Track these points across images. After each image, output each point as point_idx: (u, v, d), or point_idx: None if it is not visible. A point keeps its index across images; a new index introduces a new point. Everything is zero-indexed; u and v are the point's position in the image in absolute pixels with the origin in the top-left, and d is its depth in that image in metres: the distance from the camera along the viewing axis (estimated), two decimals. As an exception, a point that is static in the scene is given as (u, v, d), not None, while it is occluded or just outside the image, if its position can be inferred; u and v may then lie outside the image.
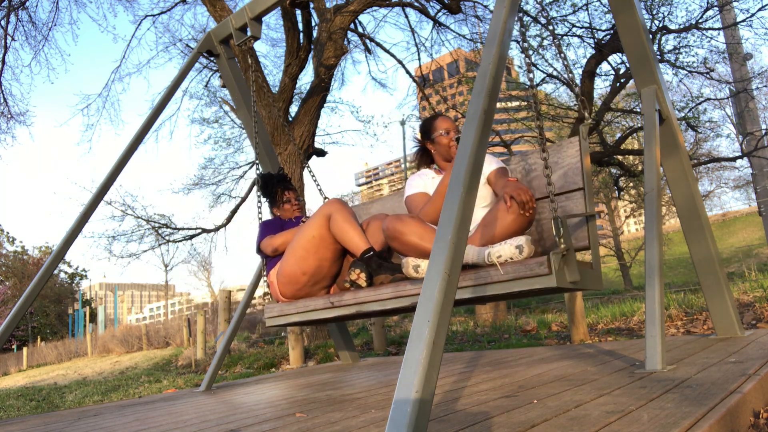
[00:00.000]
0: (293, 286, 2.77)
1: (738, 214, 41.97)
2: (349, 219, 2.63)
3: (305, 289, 2.78)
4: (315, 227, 2.66)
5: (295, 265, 2.71)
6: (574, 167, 2.33)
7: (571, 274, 1.89)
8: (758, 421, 1.47)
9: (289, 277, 2.75)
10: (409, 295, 2.26)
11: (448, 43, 14.18)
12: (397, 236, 2.25)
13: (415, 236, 2.22)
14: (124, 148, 3.46)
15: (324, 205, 2.71)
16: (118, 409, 3.03)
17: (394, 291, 2.30)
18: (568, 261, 1.89)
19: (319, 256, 2.67)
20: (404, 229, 2.23)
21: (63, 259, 3.30)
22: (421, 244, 2.21)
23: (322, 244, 2.66)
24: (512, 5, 1.75)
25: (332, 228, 2.63)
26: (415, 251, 2.25)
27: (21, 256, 31.65)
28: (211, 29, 3.78)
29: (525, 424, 1.32)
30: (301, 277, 2.72)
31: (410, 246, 2.24)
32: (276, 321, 2.85)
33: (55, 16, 9.19)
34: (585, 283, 2.00)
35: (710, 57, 8.99)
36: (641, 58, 2.68)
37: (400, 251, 2.30)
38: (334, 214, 2.64)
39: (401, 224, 2.24)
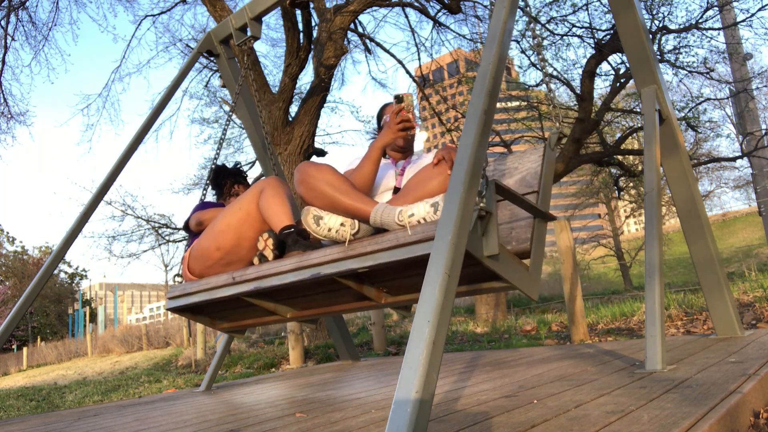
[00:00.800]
0: (203, 261, 2.48)
1: (738, 214, 41.96)
2: (280, 194, 2.36)
3: (216, 268, 2.47)
4: (244, 201, 2.40)
5: (211, 239, 2.43)
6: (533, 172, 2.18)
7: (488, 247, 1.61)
8: (758, 421, 1.47)
9: (201, 251, 2.47)
10: (311, 265, 1.99)
11: (448, 43, 14.21)
12: (306, 179, 1.97)
13: (325, 183, 1.93)
14: (124, 148, 3.46)
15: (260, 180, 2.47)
16: (118, 409, 3.03)
17: (297, 261, 2.03)
18: (488, 230, 1.60)
19: (239, 233, 2.38)
20: (316, 174, 1.96)
21: (63, 259, 3.30)
22: (331, 192, 1.93)
23: (246, 221, 2.38)
24: (512, 5, 1.75)
25: (260, 203, 2.36)
26: (322, 200, 1.95)
27: (21, 256, 31.66)
28: (211, 29, 3.79)
29: (525, 424, 1.32)
30: (214, 252, 2.43)
31: (318, 192, 1.94)
32: (176, 303, 2.56)
33: (55, 16, 9.20)
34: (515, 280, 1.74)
35: (710, 57, 9.00)
36: (641, 58, 2.68)
37: (306, 198, 1.99)
38: (266, 189, 2.37)
39: (314, 168, 1.98)
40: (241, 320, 2.77)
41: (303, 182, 1.98)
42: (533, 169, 2.15)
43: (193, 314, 2.72)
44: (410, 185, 1.96)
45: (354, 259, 1.89)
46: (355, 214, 1.91)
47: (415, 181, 1.96)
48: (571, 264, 4.44)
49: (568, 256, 4.43)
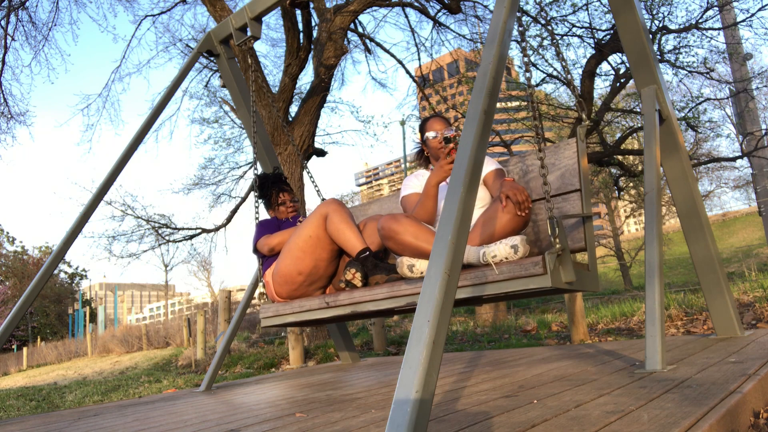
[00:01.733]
0: (289, 286, 2.75)
1: (738, 214, 41.96)
2: (346, 219, 2.62)
3: (301, 290, 2.76)
4: (312, 227, 2.65)
5: (291, 265, 2.69)
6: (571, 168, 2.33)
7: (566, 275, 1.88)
8: (758, 421, 1.47)
9: (285, 277, 2.74)
10: (404, 295, 2.25)
11: (448, 43, 14.19)
12: (392, 236, 2.24)
13: (410, 235, 2.22)
14: (124, 148, 3.46)
15: (321, 205, 2.70)
16: (118, 409, 3.03)
17: (390, 291, 2.29)
18: (564, 261, 1.88)
19: (315, 256, 2.66)
20: (399, 228, 2.23)
21: (63, 259, 3.30)
22: (416, 243, 2.21)
23: (318, 245, 2.64)
24: (512, 5, 1.75)
25: (329, 228, 2.62)
26: (410, 250, 2.24)
27: (21, 256, 31.66)
28: (211, 29, 3.78)
29: (525, 424, 1.32)
30: (297, 277, 2.71)
31: (405, 245, 2.23)
32: (271, 321, 2.83)
33: (55, 16, 9.20)
34: (581, 284, 1.99)
35: (710, 57, 8.99)
36: (641, 58, 2.68)
37: (395, 251, 2.29)
38: (330, 215, 2.62)
39: (396, 224, 2.24)
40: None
41: (390, 239, 2.26)
42: (570, 165, 2.35)
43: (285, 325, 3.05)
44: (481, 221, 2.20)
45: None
46: None
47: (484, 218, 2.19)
48: (571, 264, 4.43)
49: (568, 256, 4.42)
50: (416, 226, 2.24)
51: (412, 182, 2.66)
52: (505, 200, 2.11)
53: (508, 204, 2.10)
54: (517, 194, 2.09)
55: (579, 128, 2.32)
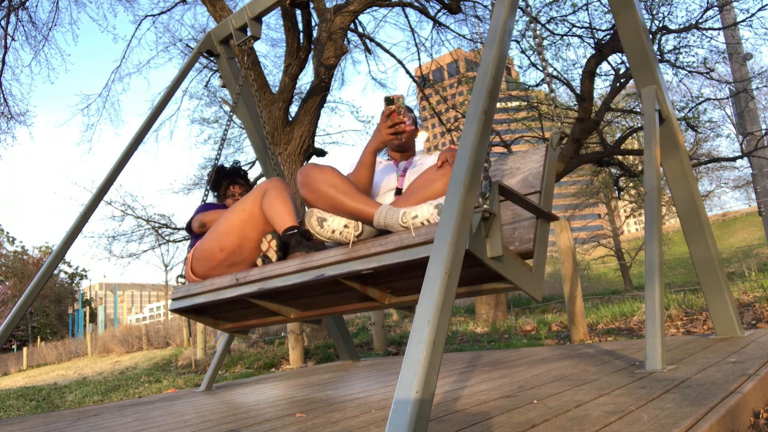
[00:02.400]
0: (207, 263, 2.49)
1: (738, 214, 41.93)
2: (283, 196, 2.37)
3: (219, 269, 2.49)
4: (247, 202, 2.42)
5: (215, 240, 2.44)
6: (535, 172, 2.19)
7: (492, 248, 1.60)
8: (758, 421, 1.47)
9: (205, 252, 2.49)
10: (315, 266, 1.99)
11: (448, 43, 14.21)
12: (308, 181, 1.97)
13: (328, 185, 1.94)
14: (124, 148, 3.46)
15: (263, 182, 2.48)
16: (118, 409, 3.03)
17: (300, 263, 2.04)
18: (492, 230, 1.60)
19: (243, 234, 2.40)
20: (319, 176, 1.96)
21: (63, 259, 3.30)
22: (334, 194, 1.93)
23: (249, 222, 2.39)
24: (512, 5, 1.75)
25: (264, 204, 2.37)
26: (325, 202, 1.95)
27: (21, 256, 31.65)
28: (211, 29, 3.79)
29: (525, 424, 1.32)
30: (218, 253, 2.44)
31: (321, 194, 1.95)
32: (180, 304, 2.58)
33: (55, 16, 9.20)
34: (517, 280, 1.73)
35: (710, 57, 8.99)
36: (641, 58, 2.68)
37: (309, 200, 2.00)
38: (269, 190, 2.38)
39: (317, 170, 1.98)
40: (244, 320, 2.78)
41: (306, 184, 1.98)
42: (535, 169, 2.16)
43: (197, 315, 2.74)
44: (413, 187, 1.97)
45: (358, 261, 1.90)
46: (358, 215, 1.92)
47: (418, 182, 1.98)
48: (571, 264, 4.44)
49: (568, 256, 4.43)
50: (339, 177, 1.97)
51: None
52: (441, 162, 1.96)
53: (445, 165, 1.94)
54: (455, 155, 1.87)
55: (552, 135, 2.20)
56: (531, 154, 2.25)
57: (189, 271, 2.60)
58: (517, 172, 2.23)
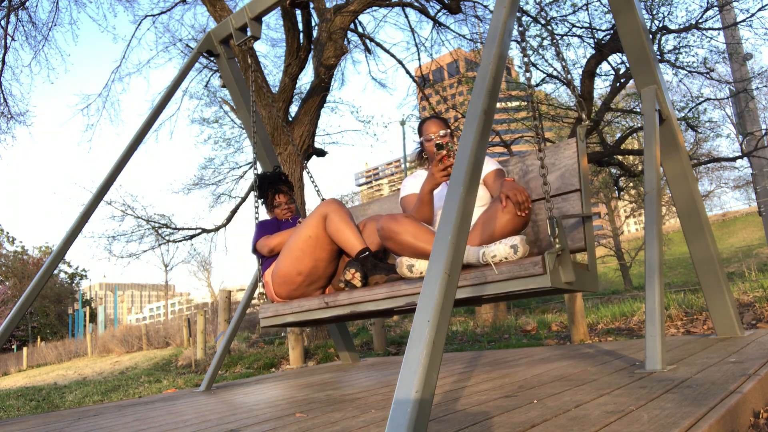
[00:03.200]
0: (288, 286, 2.75)
1: (738, 214, 41.94)
2: (346, 219, 2.62)
3: (300, 290, 2.76)
4: (311, 227, 2.65)
5: (290, 266, 2.69)
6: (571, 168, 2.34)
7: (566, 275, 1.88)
8: (758, 421, 1.47)
9: (284, 277, 2.73)
10: (403, 295, 2.25)
11: (448, 43, 14.20)
12: (392, 236, 2.25)
13: (410, 235, 2.22)
14: (124, 148, 3.46)
15: (320, 205, 2.70)
16: (118, 409, 3.03)
17: (389, 291, 2.29)
18: (563, 261, 1.88)
19: (314, 256, 2.66)
20: (399, 228, 2.23)
21: (63, 259, 3.30)
22: (416, 243, 2.21)
23: (318, 245, 2.64)
24: (512, 5, 1.75)
25: (328, 228, 2.62)
26: (410, 251, 2.24)
27: (21, 256, 31.65)
28: (211, 29, 3.78)
29: (525, 424, 1.32)
30: (296, 277, 2.71)
31: (405, 245, 2.23)
32: (271, 321, 2.83)
33: (55, 16, 9.20)
34: (580, 285, 1.98)
35: (710, 57, 8.99)
36: (641, 58, 2.68)
37: (395, 251, 2.29)
38: (330, 215, 2.62)
39: (396, 224, 2.25)
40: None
41: (390, 239, 2.26)
42: (570, 165, 2.35)
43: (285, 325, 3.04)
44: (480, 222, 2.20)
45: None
46: None
47: (484, 218, 2.18)
48: (571, 264, 4.43)
49: (568, 256, 4.42)
50: (415, 226, 2.24)
51: (410, 183, 2.68)
52: (505, 200, 2.11)
53: (508, 204, 2.10)
54: (517, 194, 2.09)
55: (579, 128, 2.32)
56: (562, 149, 2.41)
57: (272, 294, 2.86)
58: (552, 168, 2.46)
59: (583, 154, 2.31)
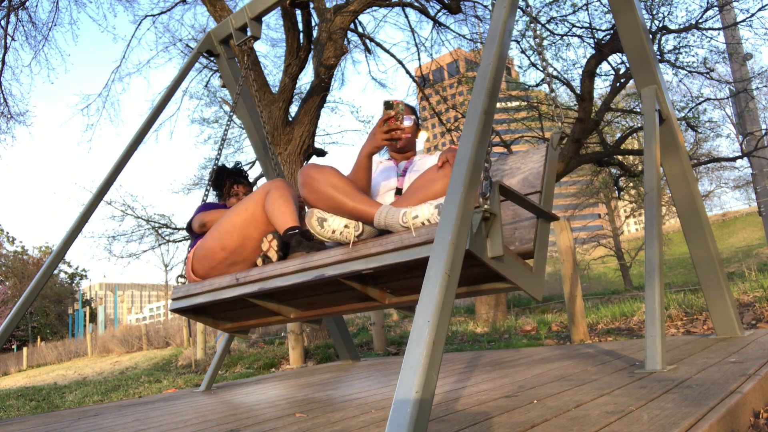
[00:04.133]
0: (208, 262, 2.50)
1: (738, 214, 41.93)
2: (285, 196, 2.38)
3: (220, 269, 2.49)
4: (249, 202, 2.43)
5: (216, 239, 2.45)
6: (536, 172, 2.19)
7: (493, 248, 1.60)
8: (758, 421, 1.47)
9: (206, 251, 2.49)
10: (315, 266, 2.00)
11: (448, 43, 14.21)
12: (309, 181, 1.98)
13: (329, 185, 1.95)
14: (124, 148, 3.46)
15: (265, 183, 2.50)
16: (118, 409, 3.03)
17: (301, 263, 2.05)
18: (492, 231, 1.60)
19: (245, 233, 2.40)
20: (319, 176, 1.97)
21: (63, 259, 3.30)
22: (334, 194, 1.94)
23: (251, 222, 2.40)
24: (512, 5, 1.75)
25: (266, 205, 2.39)
26: (326, 202, 1.96)
27: (21, 256, 31.65)
28: (211, 29, 3.79)
29: (525, 424, 1.32)
30: (219, 252, 2.45)
31: (321, 194, 1.96)
32: (180, 303, 2.59)
33: (55, 16, 9.21)
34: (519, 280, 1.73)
35: (710, 57, 8.99)
36: (641, 58, 2.68)
37: (309, 200, 2.01)
38: (271, 191, 2.40)
39: (317, 171, 1.99)
40: (244, 320, 2.79)
41: (306, 185, 1.99)
42: (536, 169, 2.16)
43: (197, 315, 2.74)
44: (414, 187, 1.97)
45: (358, 261, 1.90)
46: (358, 216, 1.92)
47: (418, 183, 1.97)
48: (571, 264, 4.44)
49: (568, 256, 4.43)
50: (339, 177, 1.98)
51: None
52: (441, 162, 1.96)
53: (445, 166, 1.94)
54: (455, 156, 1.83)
55: (553, 135, 2.19)
56: (531, 154, 2.24)
57: (189, 271, 2.60)
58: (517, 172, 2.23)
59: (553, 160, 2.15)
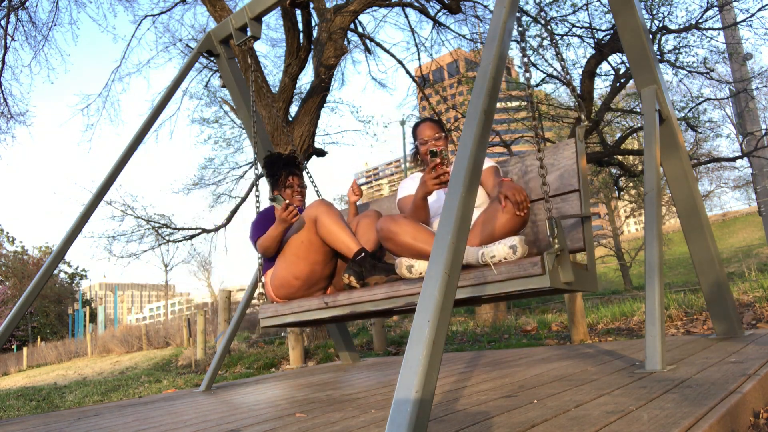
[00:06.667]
0: (287, 290, 2.73)
1: (738, 214, 41.94)
2: (336, 220, 2.56)
3: (300, 293, 2.73)
4: (302, 234, 2.62)
5: (286, 270, 2.67)
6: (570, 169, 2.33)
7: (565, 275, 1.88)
8: (758, 421, 1.47)
9: (281, 280, 2.71)
10: (403, 295, 2.26)
11: (448, 43, 14.18)
12: (391, 237, 2.25)
13: (409, 236, 2.23)
14: (124, 148, 3.46)
15: (309, 207, 2.64)
16: (118, 409, 3.03)
17: (389, 291, 2.30)
18: (562, 261, 1.88)
19: (310, 260, 2.63)
20: (398, 229, 2.24)
21: (63, 259, 3.30)
22: (415, 244, 2.22)
23: (311, 248, 2.61)
24: (512, 5, 1.75)
25: (320, 232, 2.58)
26: (409, 251, 2.25)
27: (21, 256, 31.65)
28: (211, 29, 3.78)
29: (525, 424, 1.32)
30: (293, 281, 2.68)
31: (404, 246, 2.24)
32: (271, 321, 2.82)
33: (55, 16, 9.20)
34: (579, 284, 1.98)
35: (710, 57, 8.98)
36: (641, 58, 2.68)
37: (394, 252, 2.30)
38: (320, 217, 2.57)
39: (395, 225, 2.25)
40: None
41: (389, 240, 2.26)
42: (570, 165, 2.35)
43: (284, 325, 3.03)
44: (479, 222, 2.20)
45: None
46: None
47: (483, 218, 2.18)
48: (571, 264, 4.43)
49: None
50: (414, 227, 2.24)
51: (407, 185, 2.67)
52: (504, 200, 2.11)
53: (507, 204, 2.10)
54: (515, 194, 2.09)
55: (578, 129, 2.31)
56: (561, 150, 2.42)
57: (271, 293, 2.82)
58: (552, 169, 2.45)
59: (582, 155, 2.31)
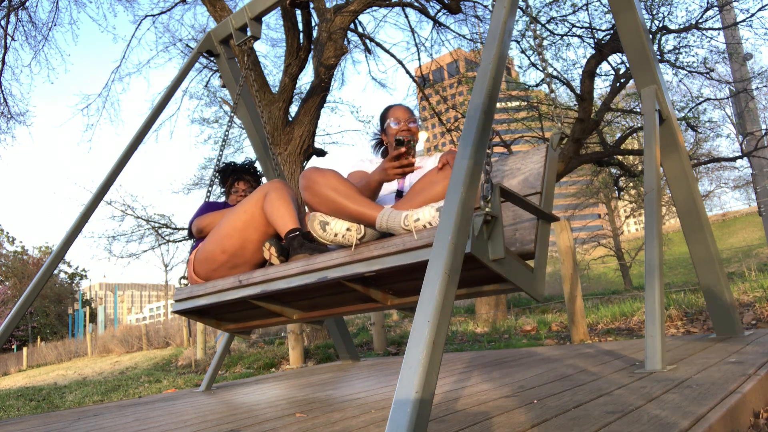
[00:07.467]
0: (209, 264, 2.50)
1: (738, 214, 41.94)
2: (285, 198, 2.36)
3: (221, 271, 2.49)
4: (248, 204, 2.42)
5: (216, 242, 2.45)
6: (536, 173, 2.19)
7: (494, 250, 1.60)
8: (758, 421, 1.47)
9: (206, 253, 2.50)
10: (317, 269, 2.01)
11: (448, 43, 14.21)
12: (311, 185, 1.97)
13: (330, 189, 1.94)
14: (124, 148, 3.46)
15: (264, 184, 2.49)
16: (118, 409, 3.03)
17: (304, 265, 2.06)
18: (494, 234, 1.61)
19: (244, 236, 2.40)
20: (321, 179, 1.96)
21: (63, 259, 3.30)
22: (336, 198, 1.93)
23: (251, 224, 2.39)
24: (512, 5, 1.75)
25: (265, 206, 2.37)
26: (328, 205, 1.95)
27: (21, 256, 31.65)
28: (211, 29, 3.79)
29: (525, 424, 1.32)
30: (219, 255, 2.45)
31: (323, 198, 1.95)
32: (183, 305, 2.60)
33: (55, 16, 9.20)
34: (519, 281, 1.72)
35: (710, 57, 8.99)
36: (641, 58, 2.68)
37: (311, 204, 2.00)
38: (270, 193, 2.38)
39: (318, 174, 1.98)
40: (247, 321, 2.81)
41: (308, 188, 1.98)
42: (536, 170, 2.16)
43: (199, 316, 2.75)
44: (415, 189, 1.97)
45: (360, 263, 1.91)
46: (360, 218, 1.92)
47: (419, 185, 1.96)
48: (571, 264, 4.44)
49: (568, 256, 4.43)
50: (341, 181, 1.97)
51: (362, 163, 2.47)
52: (442, 164, 1.96)
53: (445, 167, 1.94)
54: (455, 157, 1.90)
55: (553, 135, 2.19)
56: (531, 155, 2.25)
57: (192, 273, 2.60)
58: (517, 173, 2.23)
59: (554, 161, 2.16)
